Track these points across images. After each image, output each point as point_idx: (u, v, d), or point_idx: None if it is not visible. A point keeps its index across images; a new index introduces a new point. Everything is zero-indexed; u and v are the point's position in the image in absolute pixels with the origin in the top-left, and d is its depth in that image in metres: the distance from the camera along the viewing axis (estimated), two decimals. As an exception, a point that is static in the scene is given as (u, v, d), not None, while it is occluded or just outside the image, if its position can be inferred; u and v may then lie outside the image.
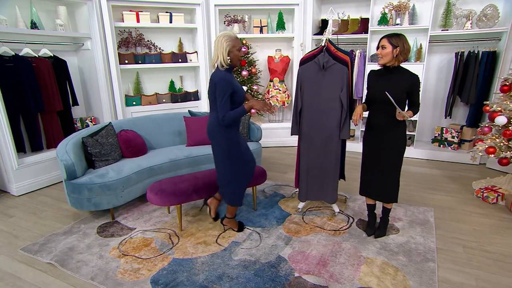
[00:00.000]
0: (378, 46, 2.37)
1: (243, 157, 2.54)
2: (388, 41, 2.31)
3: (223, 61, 2.30)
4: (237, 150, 2.49)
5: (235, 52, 2.32)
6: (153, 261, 2.39)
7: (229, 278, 2.18)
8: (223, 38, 2.27)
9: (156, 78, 5.15)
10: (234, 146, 2.47)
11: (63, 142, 3.04)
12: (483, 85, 4.29)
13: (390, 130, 2.42)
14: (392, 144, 2.44)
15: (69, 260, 2.41)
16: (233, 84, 2.33)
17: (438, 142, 4.82)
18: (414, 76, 2.34)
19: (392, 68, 2.37)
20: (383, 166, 2.48)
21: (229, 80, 2.29)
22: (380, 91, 2.35)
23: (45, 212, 3.21)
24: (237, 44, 2.32)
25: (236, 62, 2.38)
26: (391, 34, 2.33)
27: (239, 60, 2.39)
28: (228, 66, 2.34)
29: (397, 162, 2.47)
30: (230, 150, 2.47)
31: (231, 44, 2.28)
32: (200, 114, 4.06)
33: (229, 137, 2.44)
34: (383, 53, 2.33)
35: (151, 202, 2.74)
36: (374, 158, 2.51)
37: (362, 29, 4.82)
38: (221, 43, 2.27)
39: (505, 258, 2.40)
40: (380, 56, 2.36)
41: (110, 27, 4.27)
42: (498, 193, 3.27)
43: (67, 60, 4.08)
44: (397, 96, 2.30)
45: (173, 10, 4.84)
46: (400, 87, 2.33)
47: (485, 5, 4.14)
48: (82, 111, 4.64)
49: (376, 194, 2.59)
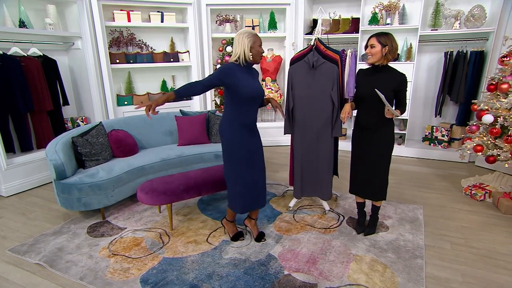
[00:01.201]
0: (367, 45, 2.39)
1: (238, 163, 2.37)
2: (377, 40, 2.32)
3: (245, 57, 2.26)
4: (234, 153, 2.35)
5: (256, 48, 2.28)
6: (143, 261, 2.38)
7: (218, 277, 2.18)
8: (244, 34, 2.24)
9: (148, 77, 5.13)
10: (232, 144, 2.34)
11: (53, 142, 3.02)
12: (472, 84, 4.35)
13: (379, 129, 2.44)
14: (381, 142, 2.46)
15: (58, 260, 2.39)
16: (232, 77, 2.23)
17: (429, 140, 4.87)
18: (402, 75, 2.37)
19: (380, 67, 2.39)
20: (372, 164, 2.50)
21: (227, 71, 2.23)
22: (368, 89, 2.37)
23: (34, 213, 3.18)
24: (258, 40, 2.28)
25: (258, 58, 2.32)
26: (380, 33, 2.35)
27: (260, 56, 2.33)
28: (247, 63, 2.31)
29: (385, 160, 2.50)
30: (229, 149, 2.36)
31: (253, 40, 2.25)
32: (191, 113, 4.06)
33: (229, 137, 2.34)
34: (372, 51, 2.34)
35: (142, 201, 2.74)
36: (363, 156, 2.53)
37: (353, 28, 4.86)
38: (242, 40, 2.23)
39: (491, 254, 2.44)
40: (370, 55, 2.37)
41: (100, 26, 4.25)
42: (486, 190, 3.32)
43: (57, 59, 4.05)
44: (386, 95, 2.31)
45: (164, 9, 4.83)
46: (389, 86, 2.35)
47: (473, 5, 4.21)
48: (73, 111, 4.60)
49: (365, 192, 2.61)
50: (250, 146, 2.38)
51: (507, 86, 3.12)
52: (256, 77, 2.44)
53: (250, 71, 2.37)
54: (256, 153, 2.42)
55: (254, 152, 2.40)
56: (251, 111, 2.35)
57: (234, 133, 2.33)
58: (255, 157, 2.41)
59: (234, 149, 2.35)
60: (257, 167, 2.43)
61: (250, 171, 2.39)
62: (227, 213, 2.63)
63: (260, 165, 2.46)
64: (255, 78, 2.40)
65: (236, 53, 2.28)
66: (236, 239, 2.63)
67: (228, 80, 2.23)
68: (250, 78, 2.33)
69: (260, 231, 2.70)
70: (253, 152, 2.40)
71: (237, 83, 2.24)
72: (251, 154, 2.38)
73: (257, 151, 2.43)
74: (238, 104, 2.30)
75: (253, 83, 2.33)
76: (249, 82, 2.30)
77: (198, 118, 3.88)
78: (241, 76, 2.27)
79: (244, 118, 2.33)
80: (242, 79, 2.26)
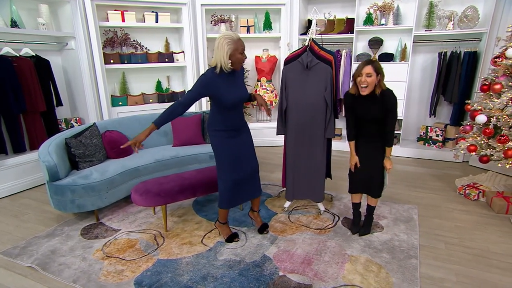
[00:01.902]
0: (360, 73, 2.24)
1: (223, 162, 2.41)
2: (373, 68, 2.22)
3: (224, 65, 2.14)
4: (220, 151, 2.40)
5: (237, 56, 2.15)
6: (137, 263, 2.36)
7: (213, 278, 2.17)
8: (224, 40, 2.10)
9: (143, 78, 5.10)
10: (217, 146, 2.41)
11: (46, 143, 2.99)
12: (465, 85, 4.38)
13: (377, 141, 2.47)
14: (380, 150, 2.49)
15: (51, 263, 2.37)
16: (211, 88, 2.18)
17: (423, 140, 4.90)
18: (391, 96, 2.33)
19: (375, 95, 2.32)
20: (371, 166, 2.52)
21: (205, 83, 2.17)
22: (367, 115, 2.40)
23: (27, 215, 3.15)
24: (240, 47, 2.14)
25: (238, 66, 2.22)
26: (372, 61, 2.27)
27: (240, 63, 2.22)
28: (230, 70, 2.21)
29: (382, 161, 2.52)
30: (213, 148, 2.44)
31: (233, 48, 2.11)
32: (186, 114, 4.03)
33: (214, 135, 2.39)
34: (369, 81, 2.23)
35: (136, 203, 2.72)
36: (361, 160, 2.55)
37: (348, 29, 4.87)
38: (222, 46, 2.10)
39: (484, 253, 2.46)
40: (365, 84, 2.24)
41: (94, 26, 4.21)
42: (479, 190, 3.35)
43: (50, 59, 4.01)
44: (379, 117, 2.37)
45: (159, 9, 4.80)
46: (380, 109, 2.35)
47: (466, 6, 4.23)
48: (67, 112, 4.56)
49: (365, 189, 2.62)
50: (234, 148, 2.40)
51: (499, 87, 3.14)
52: (240, 79, 2.37)
53: (231, 76, 2.27)
54: (243, 153, 2.45)
55: (240, 152, 2.43)
56: (235, 114, 2.37)
57: (216, 135, 2.37)
58: (242, 157, 2.44)
59: (217, 151, 2.41)
60: (245, 167, 2.46)
61: (236, 172, 2.43)
62: (219, 214, 2.63)
63: (250, 164, 2.50)
64: (237, 82, 2.32)
65: (215, 59, 2.17)
66: (230, 240, 2.61)
67: (208, 92, 2.21)
68: (232, 85, 2.25)
69: (264, 223, 2.74)
70: (239, 153, 2.43)
71: (217, 93, 2.20)
72: (237, 156, 2.42)
73: (244, 150, 2.46)
74: (222, 110, 2.30)
75: (235, 90, 2.27)
76: (231, 89, 2.24)
77: (193, 119, 3.86)
78: (221, 85, 2.19)
79: (228, 121, 2.35)
80: (222, 88, 2.19)
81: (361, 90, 2.31)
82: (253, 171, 2.55)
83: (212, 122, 2.38)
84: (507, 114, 3.06)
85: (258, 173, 2.60)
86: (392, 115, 2.35)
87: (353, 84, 2.39)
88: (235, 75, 2.32)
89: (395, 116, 2.37)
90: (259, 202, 2.78)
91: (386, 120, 2.37)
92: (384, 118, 2.37)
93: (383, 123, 2.40)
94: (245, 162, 2.47)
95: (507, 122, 3.07)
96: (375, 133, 2.47)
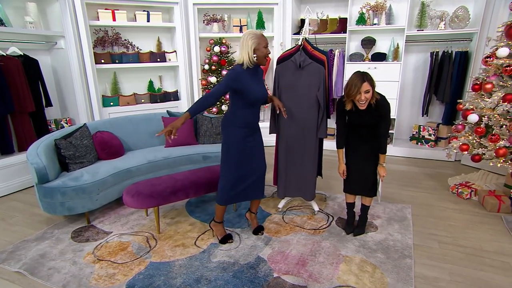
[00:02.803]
0: (358, 91, 2.22)
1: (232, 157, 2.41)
2: (370, 84, 2.23)
3: (248, 60, 2.24)
4: (233, 147, 2.40)
5: (261, 50, 2.24)
6: (129, 266, 2.32)
7: (207, 281, 2.14)
8: (248, 36, 2.22)
9: (134, 78, 5.03)
10: (232, 142, 2.40)
11: (34, 144, 2.92)
12: (457, 84, 4.42)
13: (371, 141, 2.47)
14: (374, 151, 2.48)
15: (39, 267, 2.31)
16: (240, 82, 2.25)
17: (416, 140, 4.93)
18: (385, 104, 2.35)
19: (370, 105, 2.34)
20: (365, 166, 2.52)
21: (235, 77, 2.24)
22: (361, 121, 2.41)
23: (15, 218, 3.07)
24: (263, 42, 2.24)
25: (262, 60, 2.29)
26: (365, 75, 2.24)
27: (265, 57, 2.29)
28: (254, 65, 2.29)
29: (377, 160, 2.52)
30: (226, 144, 2.42)
31: (257, 42, 2.21)
32: (178, 114, 4.00)
33: (231, 132, 2.39)
34: (368, 96, 2.25)
35: (127, 205, 2.67)
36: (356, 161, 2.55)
37: (340, 28, 4.87)
38: (246, 42, 2.21)
39: (476, 251, 2.47)
40: (365, 101, 2.27)
41: (84, 25, 4.14)
42: (472, 188, 3.37)
43: (39, 59, 3.92)
44: (372, 124, 2.39)
45: (150, 8, 4.75)
46: (374, 116, 2.36)
47: (457, 6, 4.27)
48: (57, 112, 4.48)
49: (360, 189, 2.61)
50: (247, 146, 2.42)
51: (491, 86, 3.17)
52: (261, 78, 2.45)
53: (255, 73, 2.36)
54: (254, 152, 2.47)
55: (251, 151, 2.45)
56: (255, 112, 2.43)
57: (234, 131, 2.39)
58: (251, 153, 2.46)
59: (230, 146, 2.41)
60: (253, 166, 2.49)
61: (243, 166, 2.44)
62: (215, 213, 2.60)
63: (258, 164, 2.52)
64: (260, 80, 2.42)
65: (241, 56, 2.26)
66: (224, 241, 2.59)
67: (236, 86, 2.26)
68: (256, 81, 2.35)
69: (259, 225, 2.74)
70: (250, 151, 2.45)
71: (244, 88, 2.27)
72: (248, 154, 2.44)
73: (255, 150, 2.49)
74: (244, 105, 2.34)
75: (259, 87, 2.37)
76: (256, 86, 2.33)
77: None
78: (248, 80, 2.28)
79: (248, 118, 2.39)
80: (249, 84, 2.28)
81: (359, 106, 2.31)
82: (261, 172, 2.55)
83: (233, 119, 2.39)
84: (498, 114, 3.09)
85: (264, 175, 2.59)
86: (386, 121, 2.39)
87: (348, 101, 2.35)
88: (258, 72, 2.39)
89: (388, 122, 2.40)
90: (259, 204, 2.77)
91: (379, 127, 2.39)
92: (377, 124, 2.39)
93: (376, 128, 2.42)
94: (254, 162, 2.49)
95: (498, 121, 3.10)
96: (367, 136, 2.47)
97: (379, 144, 2.44)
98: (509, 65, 3.02)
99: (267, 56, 2.31)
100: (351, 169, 2.59)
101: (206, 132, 3.85)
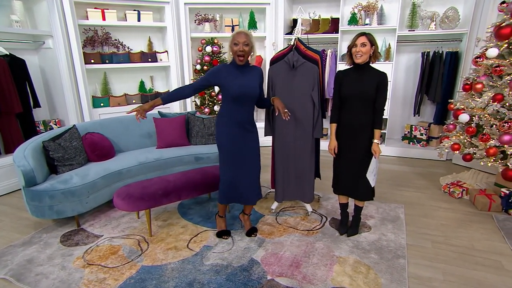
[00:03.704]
0: (355, 44, 2.30)
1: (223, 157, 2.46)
2: (367, 38, 2.29)
3: (229, 57, 2.39)
4: (220, 146, 2.46)
5: (232, 47, 2.31)
6: (120, 270, 2.27)
7: (200, 284, 2.11)
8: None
9: (125, 78, 4.97)
10: (219, 137, 2.46)
11: (21, 146, 2.85)
12: (448, 84, 4.46)
13: (362, 129, 2.43)
14: (365, 142, 2.45)
15: (26, 273, 2.24)
16: (218, 77, 2.34)
17: (408, 139, 4.96)
18: (383, 74, 2.35)
19: (364, 66, 2.37)
20: (356, 164, 2.48)
21: (215, 71, 2.36)
22: (352, 90, 2.37)
23: (1, 223, 2.99)
24: (234, 39, 2.29)
25: (234, 57, 2.34)
26: (367, 33, 2.32)
27: (237, 55, 2.31)
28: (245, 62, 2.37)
29: (369, 159, 2.49)
30: (217, 143, 2.49)
31: (230, 39, 2.31)
32: (170, 115, 3.95)
33: (218, 130, 2.46)
34: (364, 50, 2.29)
35: (118, 207, 2.62)
36: (347, 156, 2.51)
37: (333, 28, 4.88)
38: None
39: (469, 250, 2.49)
40: (360, 54, 2.30)
41: (73, 25, 4.06)
42: (463, 188, 3.40)
43: (26, 59, 3.83)
44: (369, 94, 2.34)
45: (141, 8, 4.69)
46: (372, 84, 2.34)
47: (447, 7, 4.31)
48: (46, 114, 4.39)
49: (350, 192, 2.60)
50: (237, 144, 2.42)
51: (481, 86, 3.20)
52: (254, 77, 2.42)
53: (244, 70, 2.38)
54: (244, 151, 2.46)
55: (241, 150, 2.44)
56: (242, 110, 2.41)
57: (222, 130, 2.43)
58: (241, 155, 2.45)
59: (219, 144, 2.47)
60: (244, 166, 2.47)
61: (232, 167, 2.45)
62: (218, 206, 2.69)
63: (250, 164, 2.50)
64: (247, 77, 2.38)
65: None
66: (219, 236, 2.65)
67: (214, 80, 2.36)
68: (241, 78, 2.35)
69: (252, 226, 2.74)
70: (240, 150, 2.44)
71: (223, 83, 2.32)
72: (237, 152, 2.43)
73: (246, 150, 2.47)
74: (229, 102, 2.37)
75: (243, 83, 2.34)
76: (237, 82, 2.32)
77: (177, 120, 3.78)
78: (229, 76, 2.32)
79: (235, 115, 2.39)
80: (230, 79, 2.31)
81: (355, 59, 2.34)
82: (254, 173, 2.54)
83: (221, 117, 2.45)
84: (488, 113, 3.11)
85: (257, 179, 2.56)
86: (383, 94, 2.36)
87: (348, 55, 2.41)
88: (246, 70, 2.40)
89: (385, 97, 2.38)
90: (252, 206, 2.76)
91: (376, 99, 2.36)
92: (373, 97, 2.35)
93: (370, 105, 2.37)
94: (247, 162, 2.48)
95: (488, 121, 3.12)
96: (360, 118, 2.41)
97: (374, 119, 2.40)
98: (499, 65, 3.05)
99: (240, 55, 2.30)
100: (341, 167, 2.56)
101: (198, 133, 3.81)
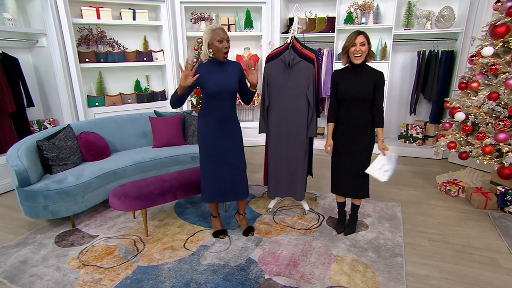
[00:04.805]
0: (354, 43, 2.27)
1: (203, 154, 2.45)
2: (365, 37, 2.27)
3: (205, 55, 2.30)
4: (201, 143, 2.46)
5: (215, 44, 2.21)
6: (116, 270, 2.25)
7: (197, 284, 2.09)
8: (205, 31, 2.25)
9: (121, 77, 4.92)
10: (199, 134, 2.45)
11: (15, 146, 2.81)
12: (444, 83, 4.48)
13: (360, 128, 2.43)
14: (363, 141, 2.46)
15: (20, 275, 2.21)
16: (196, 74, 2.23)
17: (404, 138, 4.97)
18: (380, 73, 2.36)
19: (360, 65, 2.35)
20: (354, 163, 2.49)
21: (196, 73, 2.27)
22: (350, 89, 2.37)
23: (-5, 223, 2.95)
24: (217, 36, 2.19)
25: (219, 54, 2.26)
26: (363, 31, 2.30)
27: (222, 52, 2.24)
28: (211, 59, 2.31)
29: (367, 159, 2.50)
30: (198, 138, 2.48)
31: (210, 36, 2.21)
32: (166, 114, 3.92)
33: (198, 128, 2.45)
34: (364, 49, 2.27)
35: (114, 207, 2.60)
36: (345, 155, 2.51)
37: (329, 27, 4.87)
38: (203, 37, 2.25)
39: (465, 248, 2.49)
40: (360, 53, 2.28)
41: (67, 23, 4.01)
42: (459, 186, 3.41)
43: (19, 57, 3.78)
44: (367, 93, 2.33)
45: (136, 6, 4.65)
46: (369, 83, 2.34)
47: (442, 6, 4.33)
48: (40, 113, 4.34)
49: (348, 191, 2.59)
50: (217, 141, 2.41)
51: (476, 85, 3.21)
52: (232, 72, 2.37)
53: (222, 67, 2.33)
54: (225, 148, 2.43)
55: (221, 146, 2.42)
56: (221, 106, 2.37)
57: (201, 125, 2.42)
58: (223, 152, 2.43)
59: (200, 140, 2.45)
60: (225, 163, 2.45)
61: (213, 164, 2.44)
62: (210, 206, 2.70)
63: (231, 161, 2.47)
64: (225, 73, 2.33)
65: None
66: (216, 235, 2.64)
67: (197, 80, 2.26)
68: (218, 75, 2.31)
69: (249, 226, 2.71)
70: (220, 146, 2.42)
71: (200, 80, 2.26)
72: (217, 148, 2.42)
73: (227, 146, 2.44)
74: (206, 98, 2.36)
75: (220, 80, 2.31)
76: (214, 79, 2.29)
77: (173, 119, 3.75)
78: (206, 73, 2.27)
79: (214, 112, 2.37)
80: (205, 76, 2.27)
81: (354, 59, 2.31)
82: (237, 171, 2.49)
83: (200, 113, 2.44)
84: (484, 112, 3.13)
85: (243, 174, 2.54)
86: (381, 93, 2.37)
87: (344, 55, 2.38)
88: (224, 66, 2.35)
89: (383, 94, 2.39)
90: (245, 204, 2.74)
91: (374, 98, 2.36)
92: (371, 96, 2.35)
93: (368, 104, 2.37)
94: (228, 159, 2.45)
95: (484, 119, 3.14)
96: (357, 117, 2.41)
97: (375, 118, 2.41)
98: (494, 64, 3.06)
99: (226, 51, 2.26)
100: (338, 166, 2.56)
101: (194, 132, 3.78)
